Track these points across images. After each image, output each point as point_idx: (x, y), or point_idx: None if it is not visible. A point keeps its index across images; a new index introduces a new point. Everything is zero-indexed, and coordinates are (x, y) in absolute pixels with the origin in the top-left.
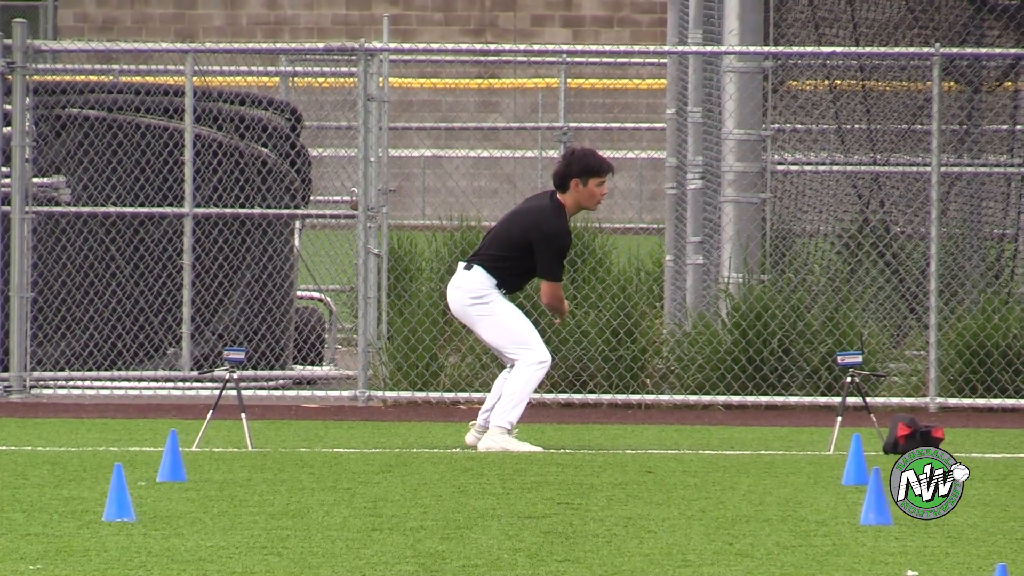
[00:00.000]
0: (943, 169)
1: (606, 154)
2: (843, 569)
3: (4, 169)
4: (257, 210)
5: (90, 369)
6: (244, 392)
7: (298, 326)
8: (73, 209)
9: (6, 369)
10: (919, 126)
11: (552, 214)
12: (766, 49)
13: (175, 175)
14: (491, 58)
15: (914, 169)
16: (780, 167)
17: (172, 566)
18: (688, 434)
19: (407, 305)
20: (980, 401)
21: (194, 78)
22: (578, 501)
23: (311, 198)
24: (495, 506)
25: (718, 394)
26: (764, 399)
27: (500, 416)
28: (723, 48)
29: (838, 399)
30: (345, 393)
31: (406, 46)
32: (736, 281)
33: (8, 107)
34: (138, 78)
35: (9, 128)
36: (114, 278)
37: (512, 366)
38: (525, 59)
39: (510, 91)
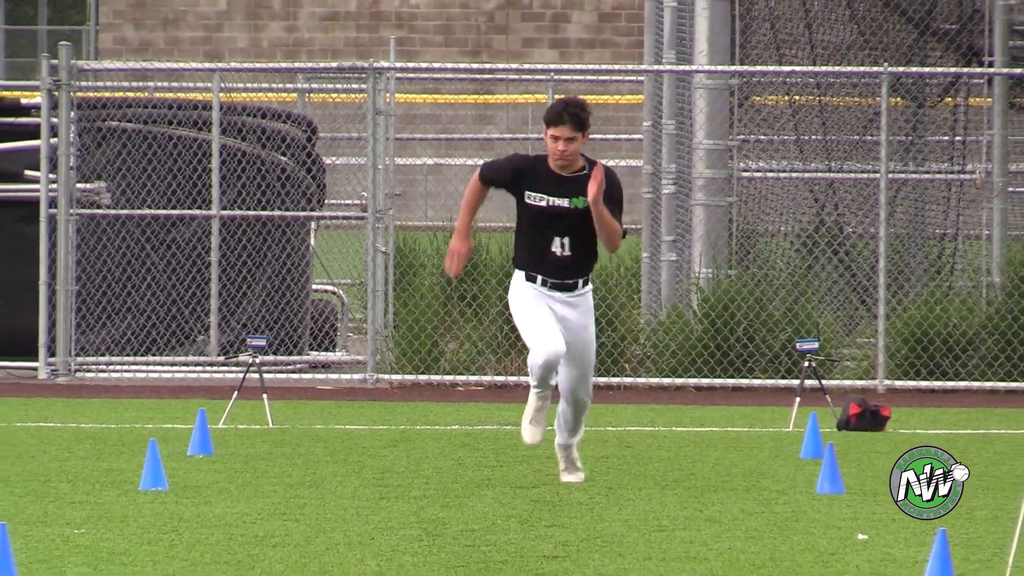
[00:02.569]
0: (891, 176)
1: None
2: (801, 533)
3: (51, 175)
4: (277, 212)
5: (128, 355)
6: (265, 375)
7: (314, 316)
8: (112, 211)
9: (53, 355)
10: (869, 137)
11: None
12: (732, 68)
13: (203, 181)
14: (486, 76)
15: (865, 176)
16: (745, 174)
17: (201, 530)
18: (662, 413)
19: (411, 297)
20: (924, 383)
21: (220, 94)
22: None
23: (325, 201)
24: (490, 477)
25: (689, 377)
26: (731, 381)
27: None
28: (694, 67)
29: (797, 381)
30: (355, 376)
31: (410, 65)
32: (706, 276)
33: (55, 120)
34: (170, 94)
35: (56, 139)
36: (149, 273)
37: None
38: (516, 77)
39: (503, 106)
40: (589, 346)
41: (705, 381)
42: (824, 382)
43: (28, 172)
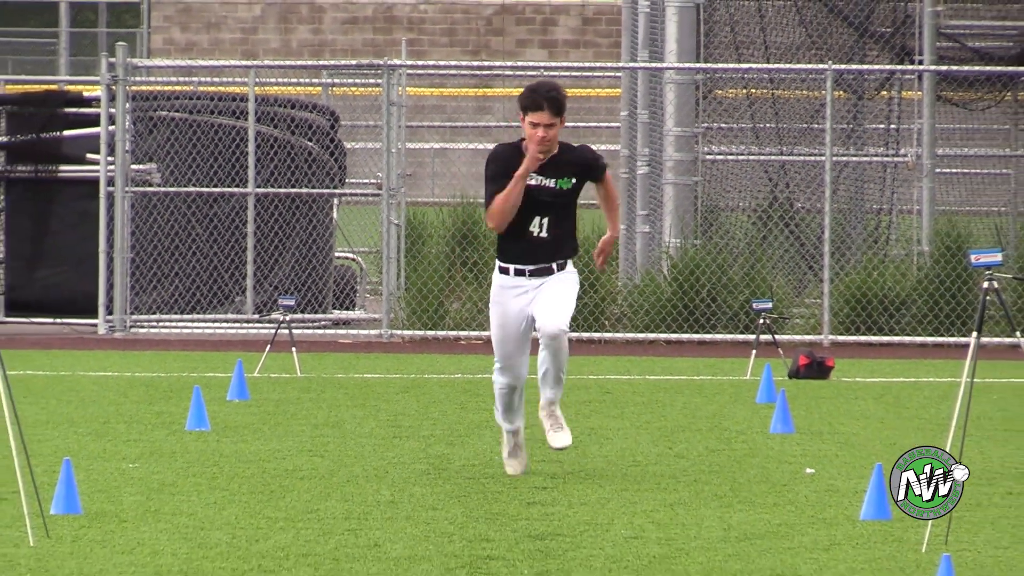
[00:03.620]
0: (834, 158)
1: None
2: (756, 467)
3: (109, 159)
4: (304, 190)
5: (175, 313)
6: (294, 331)
7: (336, 279)
8: (162, 189)
9: (111, 313)
10: (816, 125)
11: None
12: (697, 65)
13: (240, 163)
14: (485, 72)
15: (812, 158)
16: (708, 157)
17: (239, 465)
18: (637, 364)
19: (420, 263)
20: (863, 338)
21: (255, 88)
22: None
23: (346, 180)
24: (488, 419)
25: (660, 332)
26: (696, 336)
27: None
28: (664, 65)
29: (753, 336)
30: (372, 331)
31: (419, 63)
32: (674, 245)
33: (112, 111)
34: (212, 88)
35: (113, 127)
36: (193, 243)
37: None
38: (511, 73)
39: (500, 98)
40: (567, 282)
41: (674, 336)
42: (776, 337)
43: (89, 155)
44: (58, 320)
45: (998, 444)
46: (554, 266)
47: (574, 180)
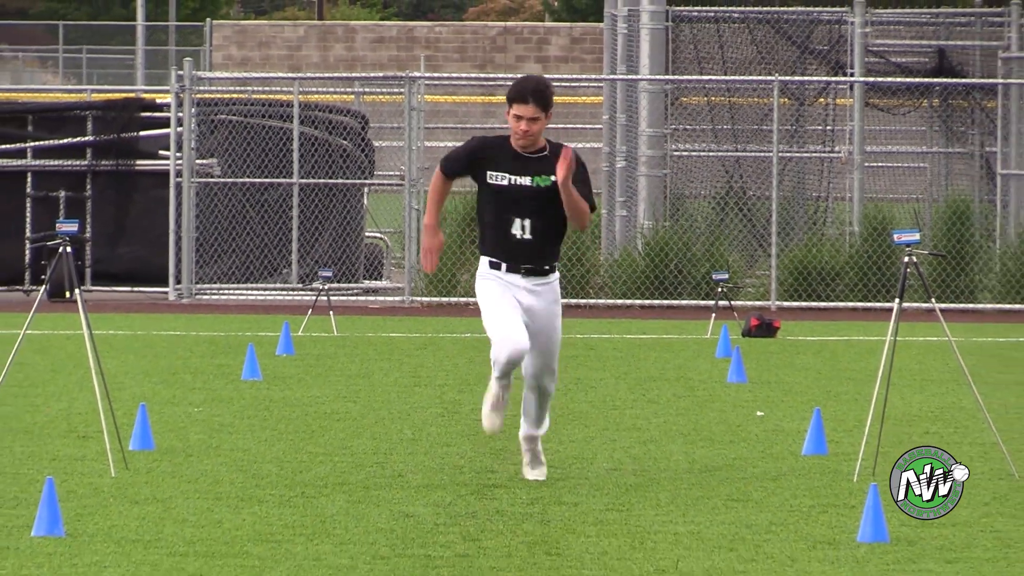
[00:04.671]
0: (780, 154)
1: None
2: (715, 411)
3: (178, 155)
4: (339, 180)
5: (232, 282)
6: (332, 297)
7: (366, 255)
8: (221, 180)
9: (179, 283)
10: (764, 127)
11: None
12: (666, 77)
13: (287, 158)
14: (490, 83)
15: (761, 154)
16: (676, 153)
17: (285, 408)
18: (616, 324)
19: None
20: (804, 303)
21: (299, 95)
22: None
23: (374, 173)
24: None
25: (635, 299)
26: (665, 302)
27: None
28: (639, 76)
29: (712, 302)
30: (396, 298)
31: (435, 75)
32: (647, 227)
33: (180, 115)
34: (263, 96)
35: (181, 128)
36: (247, 224)
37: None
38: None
39: (503, 104)
40: (554, 336)
41: (647, 302)
42: (732, 302)
43: (161, 152)
44: (135, 289)
45: (916, 391)
46: (544, 267)
47: (552, 178)
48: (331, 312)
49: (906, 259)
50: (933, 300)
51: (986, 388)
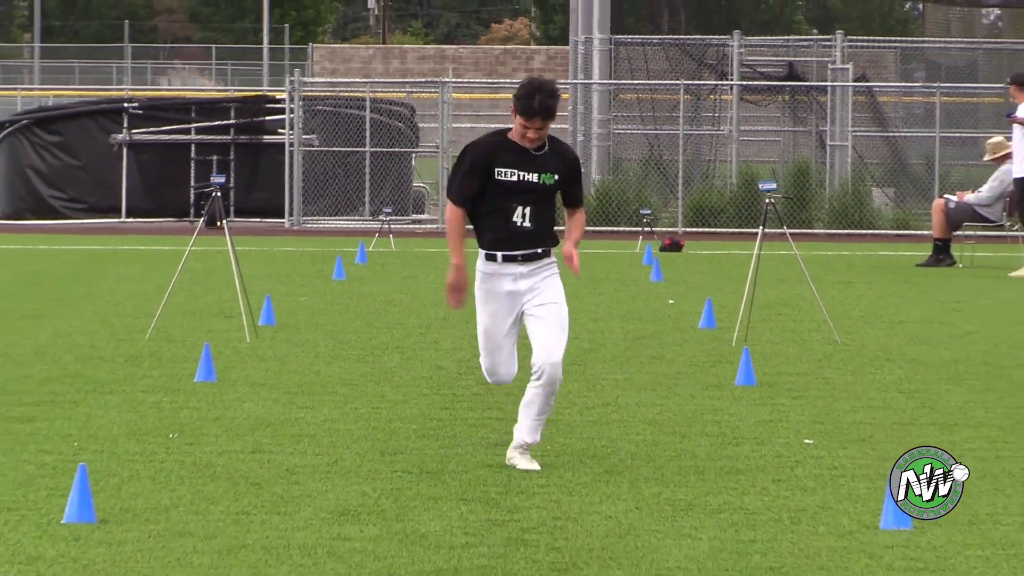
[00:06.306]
0: (684, 132)
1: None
2: (640, 298)
3: (291, 132)
4: (396, 149)
5: (327, 215)
6: (392, 225)
7: (414, 197)
8: (319, 148)
9: (291, 215)
10: (675, 114)
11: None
12: (610, 81)
13: (362, 134)
14: (495, 86)
15: (672, 132)
16: (616, 131)
17: (362, 299)
18: (580, 245)
19: None
20: (700, 229)
21: (370, 94)
22: None
23: (419, 144)
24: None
25: (589, 227)
26: (611, 229)
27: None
28: (593, 81)
29: (640, 229)
30: (433, 226)
31: (459, 79)
32: (598, 179)
33: (292, 106)
34: (346, 93)
35: (292, 115)
36: (336, 177)
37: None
38: (509, 85)
39: (504, 100)
40: (563, 310)
41: (597, 228)
42: (653, 229)
43: (279, 130)
44: (263, 220)
45: (773, 288)
46: (540, 251)
47: (556, 178)
48: (391, 235)
49: (767, 200)
50: (784, 227)
51: (819, 285)
